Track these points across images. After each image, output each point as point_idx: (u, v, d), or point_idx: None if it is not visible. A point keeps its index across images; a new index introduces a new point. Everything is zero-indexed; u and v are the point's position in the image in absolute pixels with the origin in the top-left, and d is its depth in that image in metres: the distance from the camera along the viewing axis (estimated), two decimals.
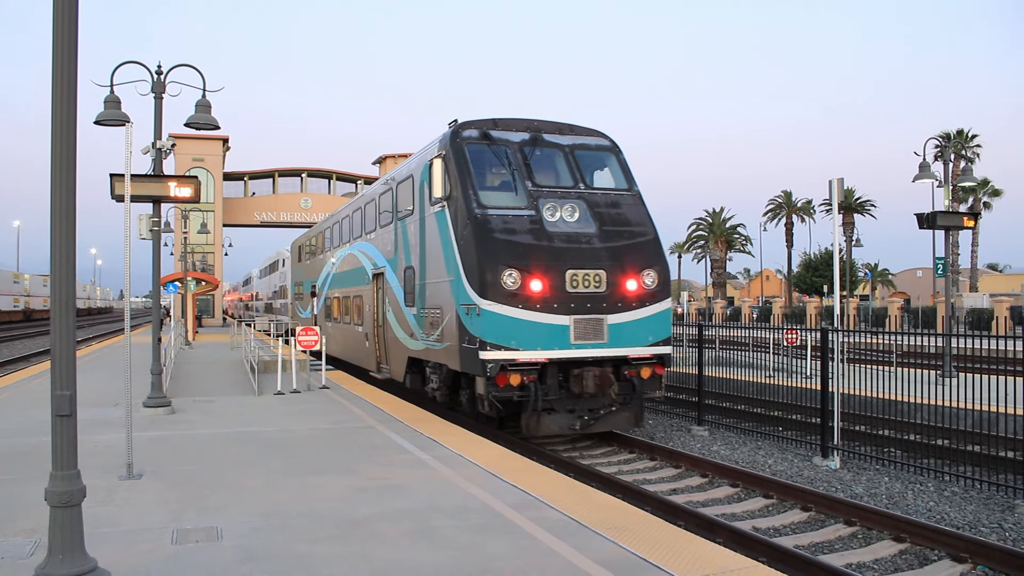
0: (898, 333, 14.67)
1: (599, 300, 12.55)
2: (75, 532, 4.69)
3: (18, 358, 30.45)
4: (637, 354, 12.78)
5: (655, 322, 13.03)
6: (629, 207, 13.74)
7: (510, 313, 12.11)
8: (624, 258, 12.92)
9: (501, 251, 12.29)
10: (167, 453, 9.70)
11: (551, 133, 14.19)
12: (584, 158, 14.11)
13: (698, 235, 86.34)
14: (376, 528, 6.46)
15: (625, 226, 13.38)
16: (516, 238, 12.49)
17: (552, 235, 12.68)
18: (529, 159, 13.57)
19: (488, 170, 13.65)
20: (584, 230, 12.96)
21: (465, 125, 13.78)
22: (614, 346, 12.61)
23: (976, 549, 7.81)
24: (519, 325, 12.12)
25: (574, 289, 12.42)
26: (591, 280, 12.57)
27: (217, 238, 59.56)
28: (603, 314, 12.55)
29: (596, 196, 13.54)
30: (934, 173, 19.50)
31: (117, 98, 12.13)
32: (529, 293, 12.18)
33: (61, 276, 4.67)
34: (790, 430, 14.16)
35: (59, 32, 4.59)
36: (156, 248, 13.80)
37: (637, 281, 12.87)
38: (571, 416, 12.74)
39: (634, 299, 12.81)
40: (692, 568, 5.48)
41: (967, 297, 51.53)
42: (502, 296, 12.10)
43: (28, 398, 14.72)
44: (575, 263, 12.51)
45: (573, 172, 13.72)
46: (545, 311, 12.25)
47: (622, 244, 13.08)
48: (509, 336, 12.07)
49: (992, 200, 65.95)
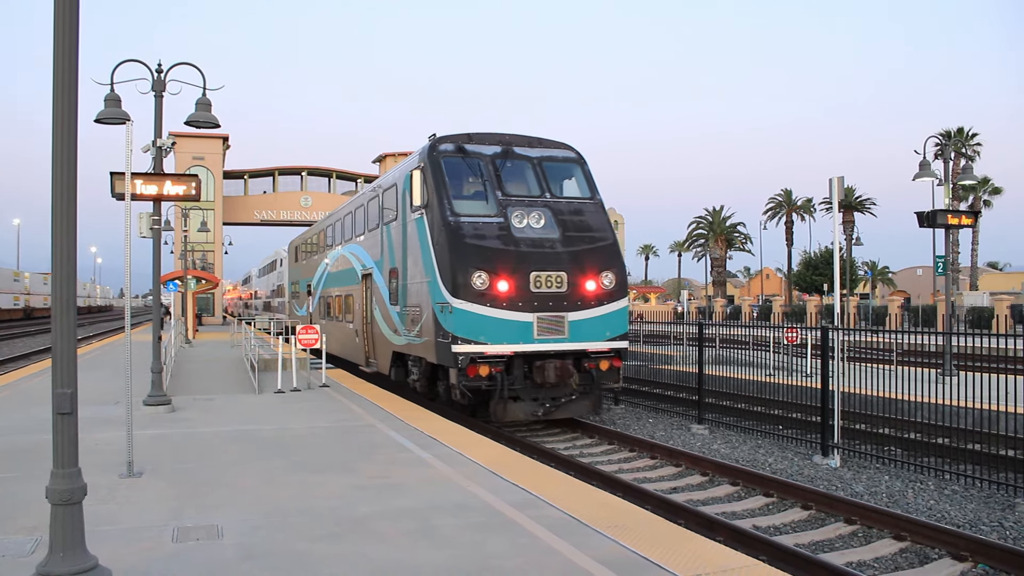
0: (898, 332, 14.67)
1: (560, 299, 13.82)
2: (76, 530, 4.70)
3: (18, 356, 30.45)
4: (596, 348, 14.06)
5: (613, 319, 14.26)
6: (591, 214, 15.00)
7: (479, 311, 13.40)
8: (584, 261, 14.15)
9: (471, 255, 13.56)
10: (167, 451, 9.71)
11: (521, 146, 15.42)
12: (551, 169, 15.35)
13: (698, 233, 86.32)
14: (376, 526, 6.46)
15: (586, 232, 14.62)
16: (485, 243, 13.75)
17: (519, 240, 13.93)
18: (500, 170, 14.81)
19: (462, 181, 14.91)
20: (548, 235, 14.21)
21: (442, 140, 15.06)
22: (574, 341, 13.87)
23: (977, 548, 7.81)
24: (487, 321, 13.41)
25: (537, 289, 13.68)
26: (553, 281, 13.84)
27: (217, 236, 59.57)
28: (564, 311, 13.81)
29: (560, 204, 14.78)
30: (934, 171, 19.49)
31: (117, 96, 12.11)
32: (496, 293, 13.45)
33: (62, 274, 4.67)
34: (790, 429, 14.16)
35: (60, 30, 4.59)
36: (156, 246, 13.80)
37: (596, 282, 14.14)
38: (535, 404, 14.03)
39: (593, 298, 14.07)
40: (692, 566, 5.48)
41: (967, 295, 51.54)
42: (472, 295, 13.39)
43: (28, 396, 14.73)
44: (539, 265, 13.77)
45: (540, 182, 14.97)
46: (511, 309, 13.52)
47: (582, 248, 14.31)
48: (478, 331, 13.36)
49: (992, 198, 66.00)
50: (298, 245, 33.87)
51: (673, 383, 19.91)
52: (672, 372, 20.22)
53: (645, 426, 16.03)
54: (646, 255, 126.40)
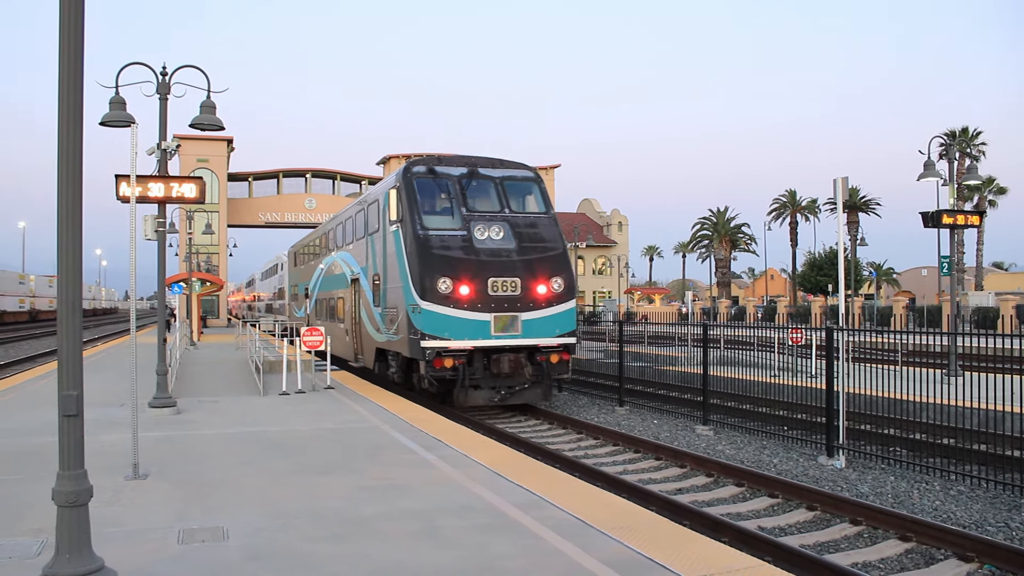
0: (903, 332, 14.64)
1: (515, 301, 15.89)
2: (82, 532, 4.71)
3: (24, 359, 30.53)
4: (546, 343, 16.13)
5: (562, 318, 16.35)
6: (544, 227, 17.07)
7: (444, 311, 15.50)
8: (536, 268, 16.21)
9: (437, 263, 15.67)
10: (173, 453, 9.73)
11: (485, 167, 17.50)
12: (511, 188, 17.42)
13: (702, 234, 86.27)
14: (380, 528, 6.47)
15: (539, 242, 16.67)
16: (450, 253, 15.86)
17: (479, 250, 16.01)
18: (466, 189, 16.89)
19: (431, 198, 16.93)
20: (506, 246, 16.27)
21: (415, 163, 17.37)
22: (526, 337, 15.95)
23: (983, 548, 7.78)
24: (451, 321, 15.52)
25: (495, 292, 15.76)
26: (508, 285, 15.93)
27: (222, 239, 59.71)
28: (518, 312, 15.89)
29: (518, 218, 16.88)
30: (939, 171, 19.44)
31: (122, 99, 12.14)
32: (459, 296, 15.54)
33: (67, 277, 4.69)
34: (795, 429, 14.14)
35: (65, 34, 4.61)
36: (161, 249, 13.83)
37: (547, 286, 16.21)
38: (492, 391, 16.11)
39: (544, 300, 16.15)
40: (697, 567, 5.47)
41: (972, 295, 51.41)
42: (438, 298, 15.46)
43: (34, 398, 14.77)
44: (496, 272, 15.85)
45: (501, 199, 17.04)
46: (471, 310, 15.60)
47: (535, 257, 16.36)
48: (443, 329, 15.46)
49: (997, 198, 65.66)
50: (297, 251, 35.79)
51: (678, 384, 19.88)
52: (677, 373, 20.19)
53: (650, 427, 16.02)
54: (650, 256, 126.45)
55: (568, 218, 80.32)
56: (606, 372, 23.45)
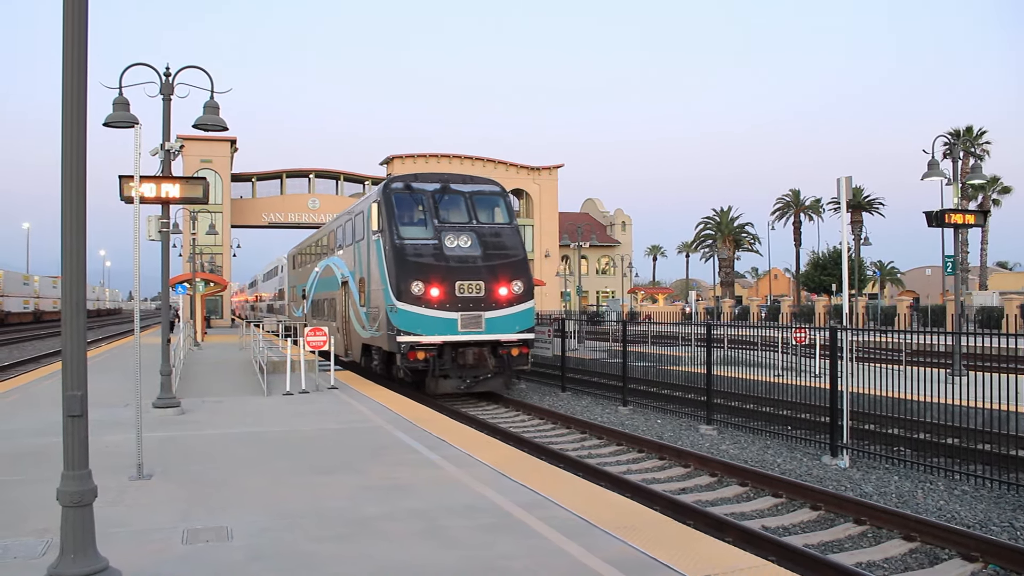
0: (907, 332, 14.61)
1: (479, 301, 18.06)
2: (87, 532, 4.72)
3: (28, 359, 30.58)
4: (507, 338, 18.31)
5: (521, 317, 18.60)
6: (507, 236, 19.30)
7: (416, 311, 17.79)
8: (499, 272, 18.41)
9: (411, 269, 17.93)
10: (177, 453, 9.74)
11: (456, 183, 19.86)
12: (479, 201, 19.62)
13: (706, 234, 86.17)
14: (384, 528, 6.47)
15: (502, 250, 18.89)
16: (422, 260, 18.12)
17: (448, 257, 18.24)
18: (438, 203, 19.13)
19: (407, 211, 19.11)
20: (472, 253, 18.50)
21: (394, 179, 19.69)
22: (489, 333, 18.13)
23: (987, 548, 7.77)
24: (423, 319, 17.76)
25: (461, 294, 17.99)
26: (474, 288, 18.14)
27: (225, 239, 59.76)
28: (482, 311, 18.06)
29: (483, 229, 19.08)
30: (943, 171, 19.40)
31: (126, 100, 12.15)
32: (430, 297, 17.78)
33: (71, 278, 4.70)
34: (799, 429, 14.12)
35: (69, 35, 4.62)
36: (165, 249, 13.86)
37: (508, 288, 18.40)
38: (459, 380, 18.19)
39: (505, 301, 18.32)
40: (701, 567, 5.47)
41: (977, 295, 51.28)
42: (411, 299, 17.75)
43: (39, 399, 14.80)
44: (463, 276, 18.10)
45: (469, 212, 19.24)
46: (440, 309, 17.82)
47: (498, 263, 18.58)
48: (416, 326, 17.71)
49: (1002, 197, 65.48)
50: (295, 254, 38.33)
51: (681, 384, 19.86)
52: (680, 373, 20.17)
53: (653, 427, 16.01)
54: (654, 256, 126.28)
55: (572, 218, 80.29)
56: (610, 372, 23.44)
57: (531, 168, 74.42)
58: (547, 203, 75.00)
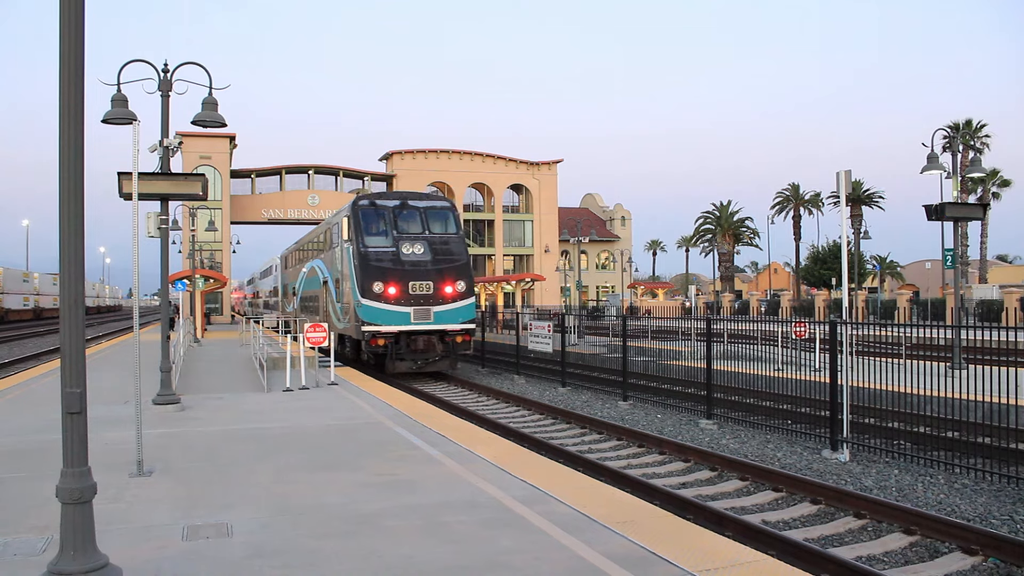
0: (907, 325, 14.61)
1: (428, 298, 22.21)
2: (87, 529, 4.72)
3: (28, 356, 30.59)
4: (451, 328, 22.38)
5: (463, 311, 22.73)
6: (453, 243, 23.44)
7: (377, 306, 21.88)
8: (445, 274, 22.52)
9: (373, 272, 22.09)
10: (177, 450, 9.75)
11: (413, 200, 24.24)
12: (432, 215, 23.89)
13: (706, 228, 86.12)
14: (385, 523, 6.48)
15: (449, 255, 23.00)
16: (382, 264, 22.23)
17: (404, 262, 22.38)
18: (398, 217, 23.32)
19: (372, 224, 23.13)
20: (423, 259, 22.60)
21: (361, 197, 24.19)
22: (437, 323, 22.19)
23: (987, 541, 7.77)
24: (382, 312, 21.86)
25: (414, 292, 22.10)
26: (424, 287, 22.27)
27: (225, 235, 59.73)
28: (431, 306, 22.21)
29: (434, 238, 23.28)
30: (942, 164, 19.37)
31: (124, 97, 12.12)
32: (388, 295, 21.86)
33: (70, 275, 4.68)
34: (799, 423, 14.12)
35: (66, 31, 4.60)
36: (164, 246, 13.84)
37: (452, 287, 22.51)
38: (412, 362, 22.28)
39: (450, 298, 22.43)
40: (701, 562, 5.47)
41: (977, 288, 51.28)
42: (373, 296, 21.86)
43: (38, 396, 14.80)
44: (415, 278, 22.23)
45: (423, 224, 23.50)
46: (396, 304, 21.91)
47: (444, 266, 22.64)
48: (377, 318, 21.76)
49: (1001, 191, 65.40)
50: (286, 256, 42.56)
51: (682, 378, 19.86)
52: (680, 367, 20.16)
53: (653, 421, 16.02)
54: (653, 251, 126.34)
55: (571, 213, 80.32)
56: (610, 367, 23.45)
57: (531, 163, 74.38)
58: (547, 198, 74.99)
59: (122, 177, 12.12)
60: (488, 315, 37.96)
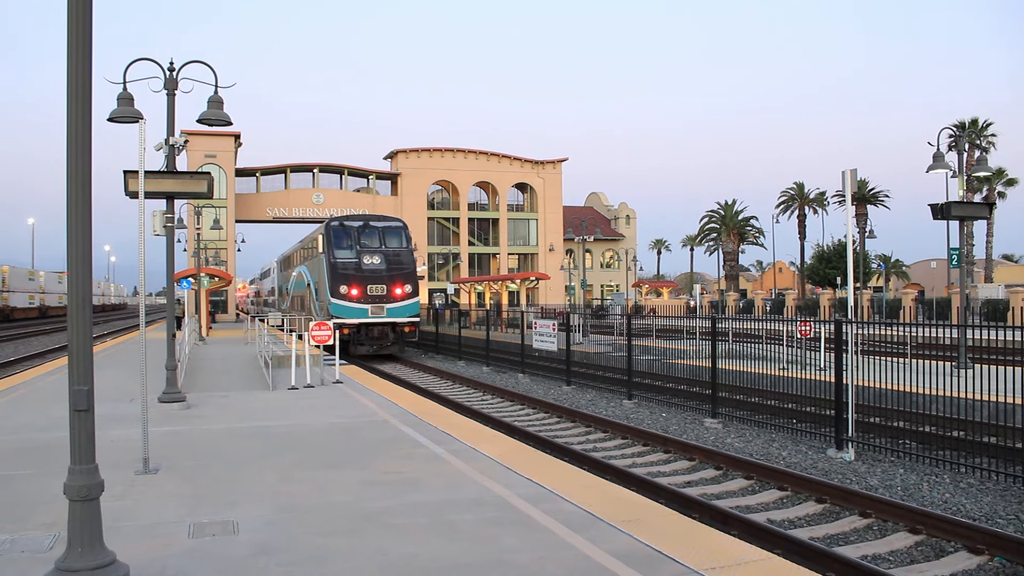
0: (912, 324, 14.58)
1: (383, 298, 30.21)
2: (94, 526, 4.73)
3: (34, 355, 30.69)
4: (401, 321, 30.51)
5: (410, 308, 30.89)
6: (403, 255, 31.67)
7: (344, 304, 29.71)
8: (396, 280, 30.68)
9: (340, 278, 30.04)
10: (183, 448, 9.77)
11: (375, 221, 32.45)
12: (388, 233, 31.92)
13: (710, 227, 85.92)
14: (391, 521, 6.49)
15: (400, 264, 31.20)
16: (348, 272, 30.15)
17: (364, 270, 30.36)
18: (361, 235, 31.29)
19: (340, 240, 31.07)
20: (379, 268, 30.63)
21: (334, 219, 32.13)
22: (390, 317, 30.25)
23: (993, 541, 7.76)
24: (347, 309, 29.70)
25: (372, 293, 29.99)
26: (379, 289, 30.29)
27: (230, 234, 59.84)
28: (384, 303, 30.23)
29: (388, 251, 31.30)
30: (948, 163, 19.32)
31: (130, 95, 12.14)
32: (351, 296, 29.68)
33: (77, 273, 4.70)
34: (804, 422, 14.11)
35: (73, 30, 4.62)
36: (169, 244, 13.86)
37: (402, 289, 30.66)
38: (369, 347, 30.04)
39: (399, 298, 30.48)
40: (706, 560, 5.47)
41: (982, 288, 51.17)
42: (341, 297, 29.71)
43: (45, 394, 14.84)
44: (373, 282, 30.23)
45: (380, 240, 31.47)
46: (357, 303, 29.81)
47: (395, 273, 30.82)
48: (344, 313, 29.44)
49: (1007, 190, 65.13)
50: (280, 260, 49.72)
51: (686, 377, 19.85)
52: (685, 366, 20.15)
53: (658, 420, 16.02)
54: (658, 250, 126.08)
55: (576, 212, 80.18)
56: (614, 366, 23.44)
57: (535, 162, 74.38)
58: (551, 197, 74.99)
59: (128, 175, 12.14)
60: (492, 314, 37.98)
